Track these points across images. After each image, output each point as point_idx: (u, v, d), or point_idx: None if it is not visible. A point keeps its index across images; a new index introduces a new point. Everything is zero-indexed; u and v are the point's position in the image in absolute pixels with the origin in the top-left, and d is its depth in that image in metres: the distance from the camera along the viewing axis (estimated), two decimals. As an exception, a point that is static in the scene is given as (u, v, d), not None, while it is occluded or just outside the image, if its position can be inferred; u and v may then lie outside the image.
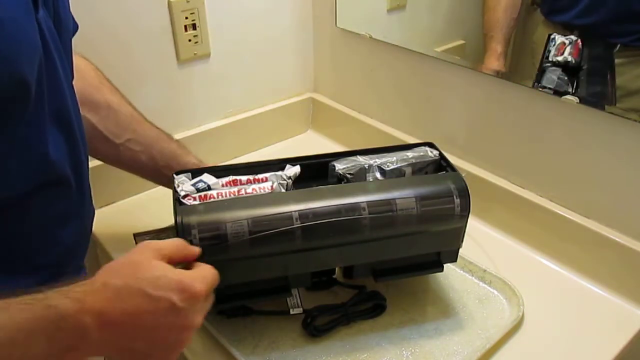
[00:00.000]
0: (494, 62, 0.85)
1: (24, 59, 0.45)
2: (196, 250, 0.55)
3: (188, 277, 0.48)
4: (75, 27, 0.65)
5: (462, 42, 0.93)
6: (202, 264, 0.53)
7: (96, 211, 0.94)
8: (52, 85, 0.51)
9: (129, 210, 0.96)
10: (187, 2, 0.93)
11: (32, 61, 0.46)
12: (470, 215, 0.69)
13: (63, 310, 0.42)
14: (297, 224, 0.62)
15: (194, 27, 0.96)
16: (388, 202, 0.65)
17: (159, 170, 0.76)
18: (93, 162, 0.92)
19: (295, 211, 0.63)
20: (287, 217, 0.63)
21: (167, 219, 0.79)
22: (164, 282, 0.46)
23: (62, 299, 0.42)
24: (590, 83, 0.75)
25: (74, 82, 0.59)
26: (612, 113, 0.71)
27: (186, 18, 0.94)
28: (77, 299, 0.43)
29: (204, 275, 0.50)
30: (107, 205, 0.97)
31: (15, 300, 0.41)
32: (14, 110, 0.45)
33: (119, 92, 0.76)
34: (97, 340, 0.43)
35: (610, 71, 0.73)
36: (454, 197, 0.66)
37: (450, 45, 0.94)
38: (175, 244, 0.53)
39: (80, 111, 0.59)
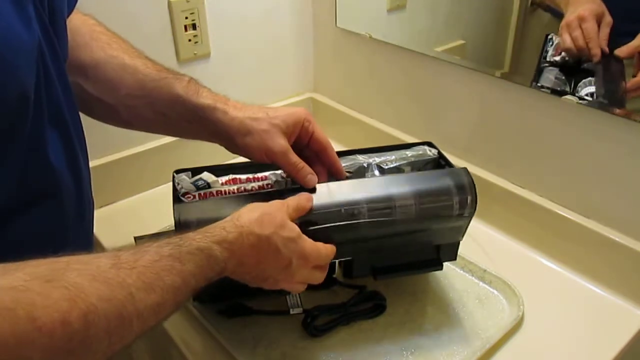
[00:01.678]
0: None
1: (22, 70, 0.44)
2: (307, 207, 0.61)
3: (309, 248, 0.57)
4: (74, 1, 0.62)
5: (462, 42, 0.93)
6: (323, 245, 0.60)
7: (96, 211, 0.94)
8: (48, 89, 0.50)
9: (129, 210, 0.96)
10: (187, 2, 0.94)
11: (29, 65, 0.45)
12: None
13: (216, 255, 0.50)
14: (297, 221, 0.63)
15: (194, 27, 0.96)
16: (388, 198, 0.64)
17: (174, 125, 0.66)
18: (92, 162, 0.93)
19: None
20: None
21: (167, 219, 0.79)
22: (293, 246, 0.56)
23: (215, 246, 0.50)
24: (606, 84, 0.73)
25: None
26: (612, 113, 0.71)
27: (186, 18, 0.95)
28: (227, 248, 0.51)
29: (321, 255, 0.59)
30: (107, 205, 0.97)
31: (163, 243, 0.48)
32: (15, 125, 0.45)
33: (115, 42, 0.67)
34: (229, 272, 0.53)
35: (620, 72, 0.72)
36: (466, 196, 0.67)
37: (450, 45, 0.94)
38: (300, 205, 0.60)
39: (69, 78, 0.55)
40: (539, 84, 0.79)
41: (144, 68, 0.65)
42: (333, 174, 0.68)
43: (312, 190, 0.64)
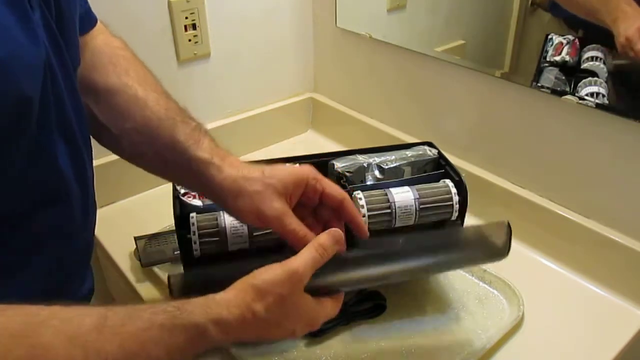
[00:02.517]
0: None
1: (22, 76, 0.43)
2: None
3: (318, 316, 0.52)
4: (93, 19, 0.62)
5: (462, 42, 0.93)
6: (330, 298, 0.54)
7: (96, 211, 0.95)
8: (56, 97, 0.49)
9: (129, 210, 0.96)
10: (187, 2, 0.94)
11: (34, 76, 0.44)
12: (470, 215, 0.69)
13: (212, 336, 0.45)
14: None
15: (194, 27, 0.96)
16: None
17: (171, 168, 0.61)
18: (93, 163, 0.93)
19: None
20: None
21: (168, 219, 0.79)
22: (303, 324, 0.51)
23: (212, 327, 0.45)
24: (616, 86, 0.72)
25: (79, 69, 0.55)
26: (612, 113, 0.71)
27: (186, 18, 0.95)
28: (225, 330, 0.46)
29: (328, 315, 0.53)
30: (107, 205, 0.97)
31: (158, 309, 0.44)
32: (17, 127, 0.44)
33: (134, 70, 0.63)
34: (224, 347, 0.50)
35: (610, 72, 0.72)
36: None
37: (450, 45, 0.94)
38: (311, 269, 0.51)
39: (82, 98, 0.54)
40: (539, 84, 0.79)
41: (154, 104, 0.60)
42: (354, 231, 0.59)
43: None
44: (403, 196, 0.65)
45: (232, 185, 0.56)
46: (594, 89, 0.73)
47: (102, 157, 0.95)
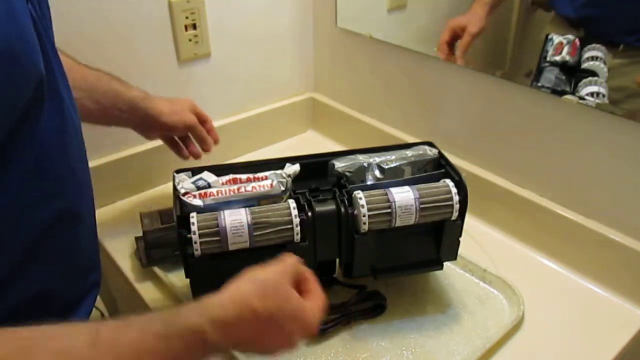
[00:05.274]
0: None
1: (35, 53, 0.43)
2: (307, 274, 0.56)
3: (310, 313, 0.52)
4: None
5: (462, 42, 0.93)
6: (318, 290, 0.55)
7: (96, 211, 0.94)
8: (46, 64, 0.48)
9: (129, 210, 0.96)
10: (188, 2, 0.94)
11: (37, 51, 0.45)
12: (470, 215, 0.69)
13: (210, 339, 0.45)
14: (296, 219, 0.63)
15: (194, 27, 0.96)
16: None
17: (107, 112, 0.77)
18: (93, 163, 0.93)
19: (294, 207, 0.63)
20: (286, 213, 0.63)
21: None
22: (297, 320, 0.50)
23: (209, 327, 0.45)
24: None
25: None
26: (612, 113, 0.72)
27: (186, 18, 0.95)
28: (222, 329, 0.46)
29: (319, 308, 0.53)
30: (107, 205, 0.97)
31: (152, 317, 0.44)
32: (31, 110, 0.45)
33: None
34: (221, 352, 0.48)
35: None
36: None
37: (450, 45, 0.94)
38: (301, 274, 0.54)
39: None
40: (539, 84, 0.79)
41: (86, 69, 0.75)
42: (212, 137, 0.89)
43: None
44: (403, 196, 0.65)
45: (166, 109, 0.81)
46: (594, 88, 0.73)
47: (103, 157, 0.95)
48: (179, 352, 0.43)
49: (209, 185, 0.67)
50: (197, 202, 0.65)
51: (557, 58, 0.76)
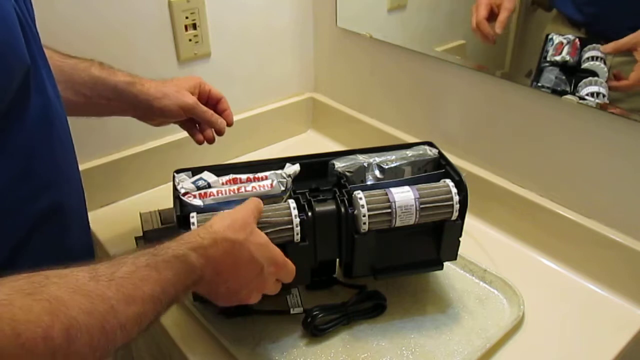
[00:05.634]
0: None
1: (18, 45, 0.44)
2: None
3: (279, 254, 0.59)
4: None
5: (462, 42, 0.93)
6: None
7: (96, 211, 0.95)
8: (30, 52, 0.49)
9: (129, 210, 0.96)
10: (188, 2, 0.94)
11: (21, 42, 0.46)
12: (470, 215, 0.69)
13: (193, 262, 0.51)
14: (296, 219, 0.63)
15: (194, 27, 0.96)
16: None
17: (92, 102, 0.71)
18: (93, 162, 0.93)
19: (294, 207, 0.63)
20: (286, 213, 0.63)
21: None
22: (265, 251, 0.58)
23: (191, 252, 0.51)
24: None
25: None
26: (612, 113, 0.71)
27: (186, 18, 0.95)
28: (203, 254, 0.52)
29: (285, 260, 0.61)
30: (107, 205, 0.97)
31: (138, 254, 0.48)
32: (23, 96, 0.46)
33: None
34: (206, 282, 0.53)
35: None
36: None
37: (450, 45, 0.94)
38: (258, 207, 0.61)
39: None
40: (539, 84, 0.79)
41: (57, 55, 0.69)
42: (225, 119, 0.81)
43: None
44: (403, 196, 0.65)
45: (156, 91, 0.74)
46: (595, 88, 0.73)
47: (103, 157, 0.95)
48: (172, 279, 0.48)
49: (209, 185, 0.67)
50: (197, 202, 0.65)
51: (557, 58, 0.76)
